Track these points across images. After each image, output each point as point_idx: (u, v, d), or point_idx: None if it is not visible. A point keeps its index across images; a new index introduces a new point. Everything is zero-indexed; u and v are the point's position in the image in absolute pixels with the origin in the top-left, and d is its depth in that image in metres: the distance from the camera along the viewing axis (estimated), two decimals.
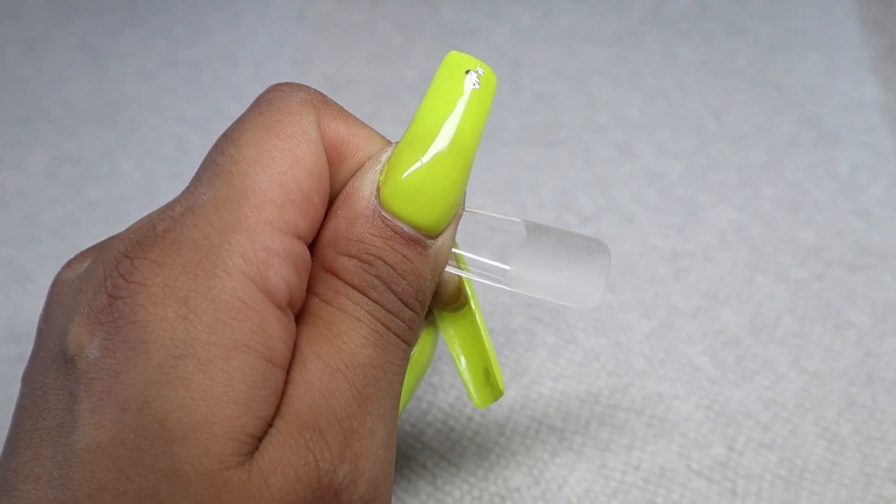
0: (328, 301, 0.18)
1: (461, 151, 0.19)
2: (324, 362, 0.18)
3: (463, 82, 0.19)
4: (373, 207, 0.19)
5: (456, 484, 0.30)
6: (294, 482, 0.17)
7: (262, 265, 0.17)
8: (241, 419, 0.16)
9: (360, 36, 0.45)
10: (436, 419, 0.31)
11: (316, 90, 0.20)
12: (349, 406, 0.17)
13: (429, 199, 0.19)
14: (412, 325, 0.19)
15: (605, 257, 0.21)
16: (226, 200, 0.17)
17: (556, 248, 0.21)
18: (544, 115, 0.41)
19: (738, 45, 0.44)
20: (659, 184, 0.38)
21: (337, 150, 0.19)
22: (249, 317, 0.17)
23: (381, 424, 0.18)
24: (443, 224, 0.19)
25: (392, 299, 0.18)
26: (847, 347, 0.33)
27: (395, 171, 0.19)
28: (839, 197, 0.38)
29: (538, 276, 0.21)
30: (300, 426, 0.17)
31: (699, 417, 0.31)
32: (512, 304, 0.34)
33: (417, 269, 0.19)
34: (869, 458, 0.30)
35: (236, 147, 0.18)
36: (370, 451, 0.18)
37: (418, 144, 0.19)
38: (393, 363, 0.18)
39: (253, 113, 0.19)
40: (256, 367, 0.17)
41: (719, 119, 0.41)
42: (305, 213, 0.18)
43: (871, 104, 0.42)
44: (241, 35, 0.45)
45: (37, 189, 0.39)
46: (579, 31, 0.45)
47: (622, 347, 0.33)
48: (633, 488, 0.30)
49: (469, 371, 0.22)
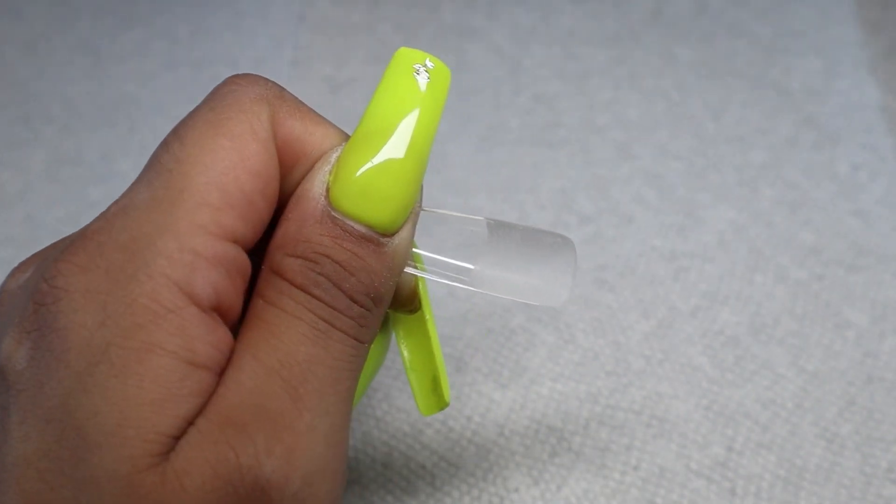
0: (271, 302, 0.18)
1: (412, 147, 0.19)
2: (258, 361, 0.17)
3: (412, 77, 0.19)
4: (322, 208, 0.18)
5: (455, 484, 0.30)
6: (212, 480, 0.16)
7: (187, 268, 0.17)
8: (153, 420, 0.16)
9: (359, 37, 0.45)
10: (435, 419, 0.31)
11: (274, 84, 0.19)
12: (282, 403, 0.17)
13: (381, 197, 0.18)
14: (363, 322, 0.18)
15: (570, 253, 0.21)
16: (160, 202, 0.17)
17: (520, 246, 0.21)
18: (544, 116, 0.41)
19: (737, 45, 0.44)
20: (658, 184, 0.38)
21: (291, 149, 0.19)
22: (168, 319, 0.16)
23: (323, 420, 0.18)
24: (397, 222, 0.19)
25: (338, 296, 0.18)
26: (846, 347, 0.33)
27: (344, 170, 0.18)
28: (838, 197, 0.38)
29: (503, 275, 0.20)
30: (222, 424, 0.17)
31: (698, 417, 0.31)
32: (511, 304, 0.34)
33: (370, 266, 0.18)
34: (868, 458, 0.30)
35: (181, 144, 0.18)
36: (306, 447, 0.17)
37: (367, 142, 0.18)
38: (338, 360, 0.18)
39: (204, 108, 0.18)
40: (172, 368, 0.16)
41: (719, 119, 0.41)
42: (246, 217, 0.18)
43: (870, 105, 0.42)
44: (242, 36, 0.45)
45: (37, 189, 0.39)
46: (579, 32, 0.45)
47: (621, 347, 0.33)
48: (633, 488, 0.30)
49: (416, 377, 0.22)
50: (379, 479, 0.30)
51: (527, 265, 0.21)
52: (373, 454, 0.30)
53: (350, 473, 0.30)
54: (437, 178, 0.38)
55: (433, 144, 0.19)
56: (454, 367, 0.32)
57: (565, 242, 0.21)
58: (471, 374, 0.32)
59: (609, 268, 0.35)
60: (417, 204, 0.19)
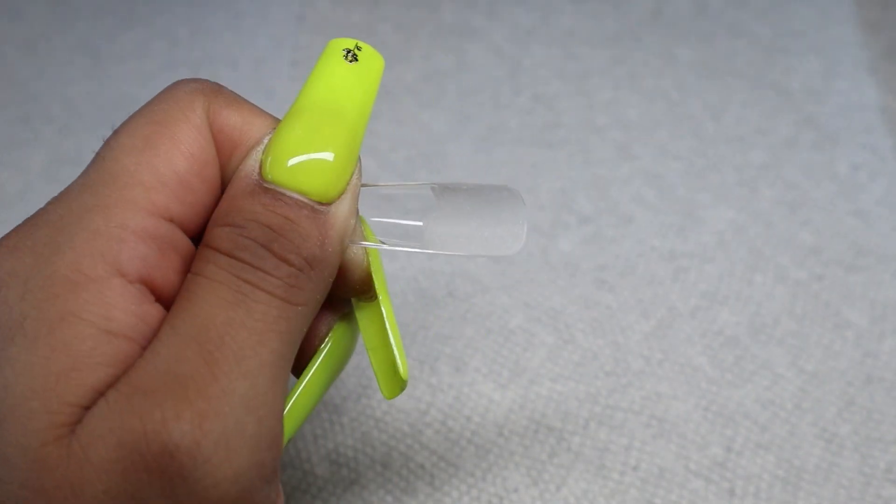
0: (197, 272, 0.18)
1: (341, 117, 0.19)
2: (175, 330, 0.17)
3: (342, 60, 0.20)
4: (254, 181, 0.18)
5: (454, 484, 0.30)
6: (116, 450, 0.16)
7: (113, 241, 0.17)
8: (59, 390, 0.16)
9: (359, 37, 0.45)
10: (434, 419, 0.31)
11: (211, 82, 0.20)
12: (195, 368, 0.17)
13: (311, 168, 0.18)
14: (293, 283, 0.18)
15: (519, 203, 0.21)
16: (93, 184, 0.18)
17: (468, 203, 0.21)
18: (543, 116, 0.41)
19: (737, 46, 0.44)
20: (658, 184, 0.38)
21: (229, 138, 0.19)
22: (87, 287, 0.16)
23: (241, 383, 0.17)
24: (332, 192, 0.19)
25: (264, 256, 0.18)
26: (846, 348, 0.33)
27: (276, 145, 0.19)
28: (838, 197, 0.38)
29: (455, 232, 0.21)
30: (130, 393, 0.16)
31: (697, 418, 0.31)
32: (510, 304, 0.34)
33: (303, 230, 0.18)
34: (867, 459, 0.30)
35: (116, 136, 0.18)
36: (221, 411, 0.17)
37: (298, 116, 0.19)
38: (262, 321, 0.18)
39: (143, 106, 0.19)
40: (85, 335, 0.16)
41: (718, 120, 0.41)
42: (181, 198, 0.18)
43: (869, 105, 0.42)
44: (241, 36, 0.45)
45: (37, 189, 0.39)
46: (579, 32, 0.45)
47: (621, 348, 0.33)
48: (632, 488, 0.30)
49: (376, 361, 0.22)
50: (378, 479, 0.30)
51: (477, 220, 0.21)
52: (372, 454, 0.30)
53: (349, 473, 0.30)
54: (436, 177, 0.38)
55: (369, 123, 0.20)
56: (454, 368, 0.32)
57: (512, 194, 0.21)
58: (470, 374, 0.32)
59: (608, 268, 0.35)
60: (356, 177, 0.19)
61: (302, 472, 0.30)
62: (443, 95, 0.42)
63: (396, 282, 0.35)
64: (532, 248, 0.36)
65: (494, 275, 0.35)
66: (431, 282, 0.35)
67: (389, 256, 0.36)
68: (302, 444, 0.30)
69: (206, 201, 0.19)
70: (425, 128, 0.41)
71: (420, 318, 0.34)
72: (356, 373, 0.32)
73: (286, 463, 0.30)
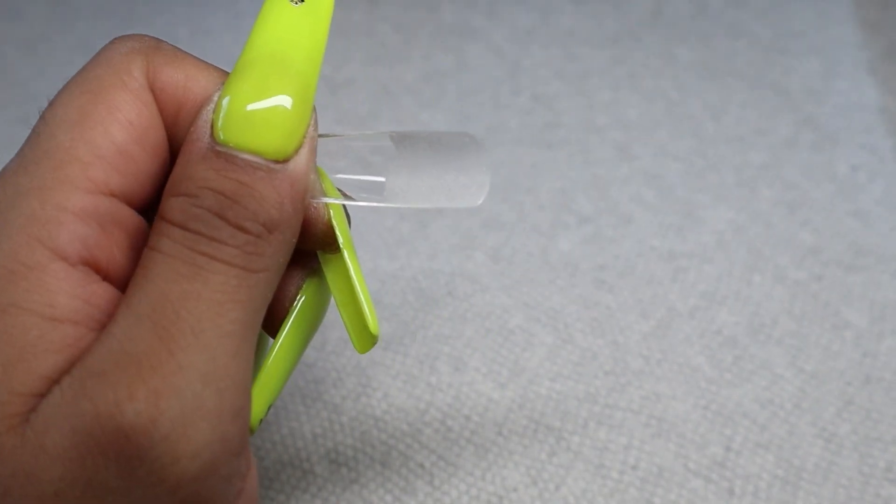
0: (151, 246, 0.17)
1: (290, 66, 0.18)
2: (130, 309, 0.17)
3: (289, 5, 0.19)
4: (206, 144, 0.17)
5: (454, 483, 0.30)
6: (70, 436, 0.16)
7: (50, 224, 0.16)
8: (7, 381, 0.16)
9: (359, 37, 0.45)
10: (434, 419, 0.31)
11: (150, 38, 0.19)
12: (150, 345, 0.16)
13: (264, 123, 0.17)
14: (251, 250, 0.17)
15: (481, 151, 0.20)
16: (27, 164, 0.17)
17: (429, 153, 0.20)
18: (543, 116, 0.41)
19: (736, 46, 0.44)
20: (657, 184, 0.38)
21: (173, 98, 0.18)
22: (27, 276, 0.16)
23: (199, 357, 0.17)
24: (287, 148, 0.18)
25: (219, 226, 0.17)
26: (845, 348, 0.33)
27: (223, 103, 0.18)
28: (837, 198, 0.38)
29: (417, 184, 0.20)
30: (83, 377, 0.16)
31: (697, 417, 0.31)
32: (510, 304, 0.34)
33: (259, 194, 0.17)
34: (866, 458, 0.30)
35: (51, 109, 0.18)
36: (177, 387, 0.16)
37: (247, 70, 0.18)
38: (220, 292, 0.17)
39: (78, 72, 0.18)
40: (29, 325, 0.16)
41: (718, 120, 0.41)
42: (122, 169, 0.17)
43: (869, 105, 0.42)
44: (242, 37, 0.45)
45: None
46: (578, 32, 0.45)
47: (620, 347, 0.33)
48: (631, 488, 0.30)
49: (347, 316, 0.21)
50: (378, 478, 0.30)
51: (439, 170, 0.20)
52: (371, 454, 0.30)
53: (348, 473, 0.30)
54: None
55: (322, 68, 0.19)
56: (453, 367, 0.32)
57: (473, 141, 0.20)
58: (469, 373, 0.32)
59: (608, 268, 0.35)
60: (312, 129, 0.18)
61: (301, 472, 0.30)
62: (443, 95, 0.42)
63: (396, 282, 0.35)
64: (532, 248, 0.36)
65: (494, 275, 0.35)
66: (431, 281, 0.35)
67: (389, 257, 0.36)
68: (302, 443, 0.31)
69: (152, 169, 0.18)
70: (425, 128, 0.41)
71: (420, 318, 0.34)
72: (356, 372, 0.32)
73: (286, 463, 0.30)
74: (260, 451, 0.30)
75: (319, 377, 0.32)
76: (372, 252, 0.36)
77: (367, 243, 0.36)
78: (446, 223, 0.37)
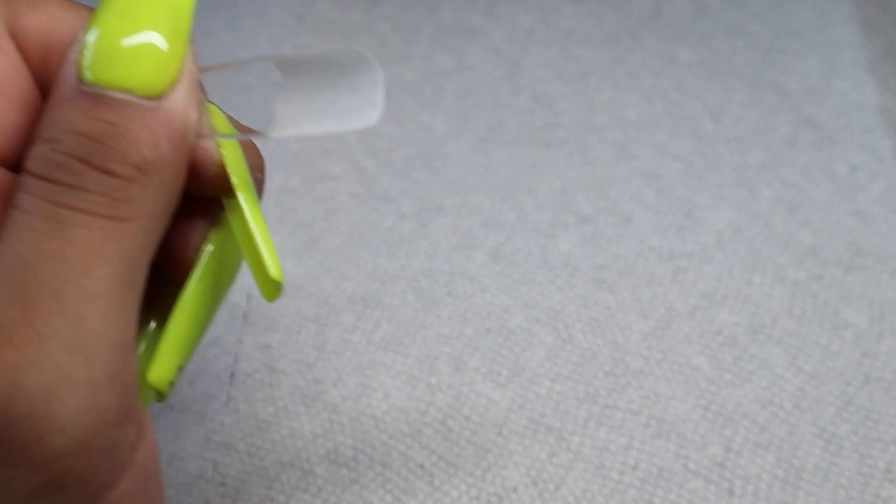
0: (12, 205, 0.16)
1: None
2: None
3: None
4: (72, 86, 0.16)
5: (454, 484, 0.30)
6: None
7: None
8: None
9: (359, 37, 0.45)
10: (434, 419, 0.31)
11: None
12: (7, 315, 0.15)
13: (132, 57, 0.16)
14: (120, 196, 0.16)
15: (372, 67, 0.19)
16: None
17: (318, 75, 0.19)
18: (542, 116, 0.41)
19: (736, 46, 0.44)
20: (657, 184, 0.38)
21: (38, 44, 0.17)
22: None
23: (62, 323, 0.15)
24: (160, 83, 0.16)
25: (84, 172, 0.16)
26: (844, 348, 0.33)
27: (88, 39, 0.16)
28: (837, 198, 0.38)
29: (307, 109, 0.19)
30: None
31: (696, 418, 0.31)
32: (509, 304, 0.34)
33: (131, 134, 0.16)
34: (866, 459, 0.30)
35: None
36: (37, 357, 0.15)
37: (110, 3, 0.17)
38: (84, 248, 0.16)
39: None
40: None
41: (717, 120, 0.41)
42: None
43: (868, 105, 0.42)
44: (241, 36, 0.45)
45: None
46: (578, 32, 0.45)
47: (619, 347, 0.33)
48: (631, 488, 0.30)
49: (251, 264, 0.20)
50: (378, 478, 0.30)
51: (329, 91, 0.19)
52: (371, 454, 0.30)
53: (348, 473, 0.30)
54: (435, 178, 0.38)
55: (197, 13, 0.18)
56: (453, 367, 0.32)
57: (364, 59, 0.19)
58: (469, 373, 0.32)
59: (607, 268, 0.36)
60: (189, 62, 0.17)
61: (301, 472, 0.30)
62: (442, 95, 0.42)
63: (396, 282, 0.35)
64: (531, 248, 0.36)
65: (494, 274, 0.35)
66: (431, 282, 0.35)
67: (389, 257, 0.36)
68: (302, 443, 0.31)
69: (18, 122, 0.17)
70: (425, 128, 0.41)
71: (420, 318, 0.34)
72: (356, 372, 0.32)
73: (286, 463, 0.30)
74: (260, 451, 0.30)
75: (319, 377, 0.32)
76: (372, 252, 0.36)
77: (367, 243, 0.36)
78: (446, 223, 0.37)
